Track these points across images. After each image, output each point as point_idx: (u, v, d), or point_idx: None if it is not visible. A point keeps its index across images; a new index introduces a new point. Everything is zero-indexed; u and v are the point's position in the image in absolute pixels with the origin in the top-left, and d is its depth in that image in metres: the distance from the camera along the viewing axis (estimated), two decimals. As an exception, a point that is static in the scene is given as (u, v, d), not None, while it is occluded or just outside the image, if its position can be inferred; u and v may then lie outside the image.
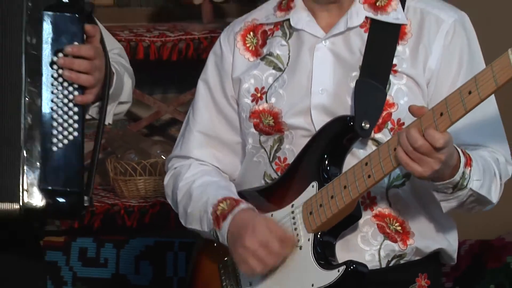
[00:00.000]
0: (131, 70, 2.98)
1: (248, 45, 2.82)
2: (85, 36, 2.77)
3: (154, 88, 3.99)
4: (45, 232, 3.05)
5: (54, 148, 2.74)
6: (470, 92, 2.43)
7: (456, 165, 2.51)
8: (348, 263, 2.59)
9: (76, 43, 2.76)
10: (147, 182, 3.79)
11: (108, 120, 2.89)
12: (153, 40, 3.77)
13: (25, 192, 2.72)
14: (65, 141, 2.75)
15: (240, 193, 2.78)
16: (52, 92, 2.75)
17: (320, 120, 2.67)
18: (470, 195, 2.58)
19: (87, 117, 2.84)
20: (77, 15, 2.77)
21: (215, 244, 2.81)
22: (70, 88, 2.76)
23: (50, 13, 2.76)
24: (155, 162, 3.79)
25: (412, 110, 2.50)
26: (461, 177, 2.53)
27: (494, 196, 2.63)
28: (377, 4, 2.71)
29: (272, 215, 2.70)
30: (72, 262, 3.80)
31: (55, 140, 2.74)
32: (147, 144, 3.97)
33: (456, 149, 2.51)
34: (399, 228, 2.68)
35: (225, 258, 2.79)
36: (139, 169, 3.80)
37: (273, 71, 2.76)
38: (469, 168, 2.54)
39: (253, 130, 2.76)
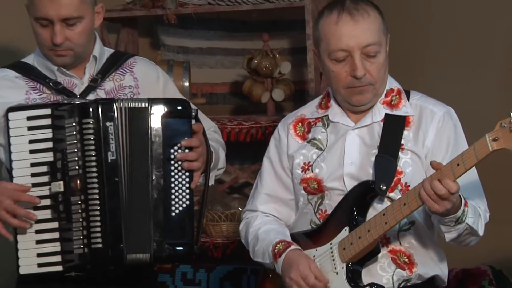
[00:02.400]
0: (223, 143, 2.98)
1: (297, 132, 2.79)
2: (191, 132, 2.77)
3: (234, 160, 3.98)
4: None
5: (173, 214, 2.73)
6: (458, 164, 2.43)
7: (459, 205, 2.49)
8: (371, 284, 2.58)
9: (186, 138, 2.76)
10: (229, 226, 3.76)
11: (211, 182, 2.87)
12: (233, 127, 3.77)
13: (153, 246, 2.71)
14: (180, 208, 2.74)
15: (292, 235, 2.75)
16: (171, 175, 2.75)
17: (350, 183, 2.66)
18: (466, 228, 2.55)
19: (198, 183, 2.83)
20: (187, 120, 2.78)
21: (270, 275, 2.80)
22: (184, 174, 2.77)
23: (168, 119, 2.76)
24: (234, 212, 3.76)
25: (432, 164, 2.48)
26: (462, 213, 2.50)
27: (481, 230, 2.59)
28: (392, 103, 2.71)
29: (316, 250, 2.67)
30: (176, 282, 3.77)
31: (173, 208, 2.73)
32: (229, 200, 3.95)
33: (459, 194, 2.49)
34: (406, 260, 2.64)
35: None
36: (223, 217, 3.78)
37: (316, 150, 2.73)
38: (467, 208, 2.51)
39: (303, 191, 2.73)
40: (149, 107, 2.75)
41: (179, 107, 2.79)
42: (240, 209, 3.76)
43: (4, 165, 2.83)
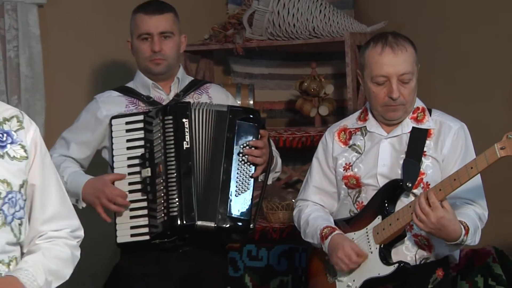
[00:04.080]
0: (279, 155, 2.98)
1: (341, 138, 2.77)
2: (259, 135, 2.79)
3: (288, 162, 3.93)
4: (230, 241, 3.06)
5: (236, 194, 2.74)
6: (472, 168, 2.42)
7: (459, 235, 2.48)
8: (400, 262, 2.56)
9: (254, 139, 2.78)
10: (284, 214, 3.73)
11: (269, 181, 2.89)
12: (288, 136, 3.73)
13: (218, 216, 2.71)
14: (243, 191, 2.75)
15: (335, 221, 2.73)
16: (238, 164, 2.76)
17: (382, 181, 2.64)
18: (464, 246, 2.55)
19: (259, 180, 2.85)
20: (256, 125, 2.80)
21: (317, 252, 2.78)
22: (248, 163, 2.78)
23: (242, 122, 2.79)
24: (289, 203, 3.74)
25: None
26: (460, 241, 2.49)
27: (477, 241, 2.57)
28: (418, 118, 2.68)
29: (354, 233, 2.65)
30: (243, 258, 3.76)
31: (237, 189, 2.74)
32: (284, 193, 3.93)
33: (462, 225, 2.48)
34: (426, 243, 2.62)
35: (328, 259, 2.73)
36: (280, 207, 3.76)
37: (356, 154, 2.72)
38: (466, 236, 2.49)
39: (344, 186, 2.72)
40: (228, 111, 2.78)
41: (251, 115, 2.81)
42: (293, 200, 3.71)
43: (108, 163, 2.88)
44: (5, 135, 2.02)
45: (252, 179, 2.76)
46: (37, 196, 2.07)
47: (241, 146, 2.76)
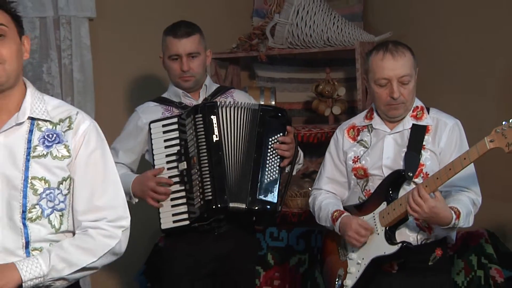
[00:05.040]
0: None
1: (350, 135, 2.78)
2: (286, 132, 2.80)
3: (305, 155, 3.77)
4: (259, 223, 3.06)
5: (265, 180, 2.75)
6: (465, 158, 2.42)
7: (450, 220, 2.48)
8: (403, 242, 2.57)
9: (281, 134, 2.79)
10: (302, 200, 3.74)
11: (294, 172, 2.90)
12: (305, 133, 3.73)
13: (249, 199, 2.73)
14: (271, 178, 2.76)
15: (345, 207, 2.74)
16: (267, 156, 2.77)
17: (387, 171, 2.64)
18: (457, 228, 2.55)
19: (286, 171, 2.86)
20: (284, 121, 2.82)
21: (330, 234, 2.78)
22: (276, 156, 2.79)
23: (270, 118, 2.80)
24: (306, 191, 3.75)
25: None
26: (453, 225, 2.49)
27: (471, 223, 2.57)
28: (417, 116, 2.69)
29: (363, 217, 2.66)
30: (266, 239, 3.76)
31: (266, 176, 2.75)
32: (302, 182, 3.94)
33: (453, 211, 2.49)
34: (426, 225, 2.61)
35: (341, 239, 2.75)
36: (298, 194, 3.77)
37: (363, 148, 2.72)
38: (458, 220, 2.50)
39: (353, 177, 2.73)
40: (259, 109, 2.80)
41: (280, 113, 2.82)
42: (310, 189, 3.73)
43: (150, 163, 2.91)
44: (54, 135, 1.99)
45: (279, 169, 2.78)
46: (76, 190, 2.00)
47: (270, 141, 2.78)
